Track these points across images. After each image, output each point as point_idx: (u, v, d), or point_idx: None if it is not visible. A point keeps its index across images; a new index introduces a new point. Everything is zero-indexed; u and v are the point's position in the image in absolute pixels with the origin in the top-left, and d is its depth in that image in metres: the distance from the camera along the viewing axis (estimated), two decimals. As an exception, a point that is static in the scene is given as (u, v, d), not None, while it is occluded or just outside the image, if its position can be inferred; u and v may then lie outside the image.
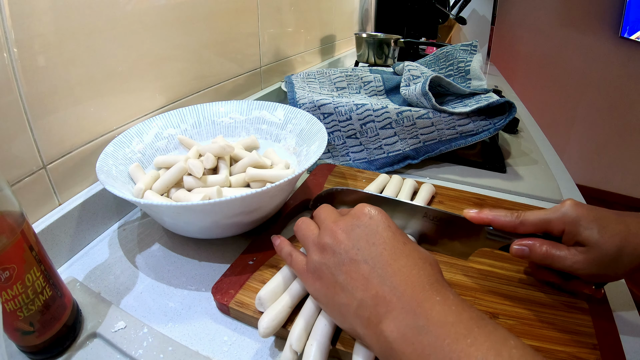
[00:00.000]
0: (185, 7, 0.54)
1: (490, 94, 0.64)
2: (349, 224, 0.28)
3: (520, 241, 0.33)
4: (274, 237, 0.35)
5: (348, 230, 0.28)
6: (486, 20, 1.67)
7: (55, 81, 0.38)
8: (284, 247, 0.33)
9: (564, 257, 0.31)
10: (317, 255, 0.28)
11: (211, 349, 0.31)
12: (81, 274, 0.39)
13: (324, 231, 0.29)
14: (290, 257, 0.32)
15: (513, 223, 0.33)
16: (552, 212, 0.32)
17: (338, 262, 0.27)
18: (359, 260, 0.26)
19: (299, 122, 0.52)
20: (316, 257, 0.28)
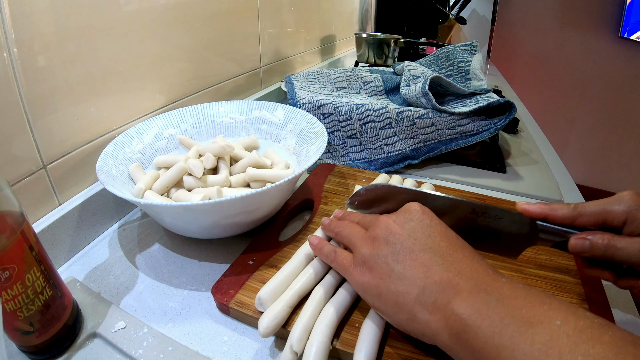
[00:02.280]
0: (185, 7, 0.54)
1: (490, 94, 0.64)
2: (401, 218, 0.29)
3: (579, 235, 0.30)
4: (311, 238, 0.35)
5: (401, 223, 0.29)
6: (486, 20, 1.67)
7: (55, 81, 0.38)
8: (324, 245, 0.33)
9: (627, 249, 0.29)
10: (368, 248, 0.29)
11: (211, 349, 0.31)
12: (81, 274, 0.39)
13: (375, 226, 0.29)
14: (333, 253, 0.32)
15: (571, 215, 0.31)
16: (612, 202, 0.30)
17: (393, 251, 0.27)
18: (416, 250, 0.27)
19: (299, 122, 0.52)
20: (366, 250, 0.29)
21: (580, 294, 0.35)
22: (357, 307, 0.33)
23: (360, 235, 0.31)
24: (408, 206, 0.30)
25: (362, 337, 0.29)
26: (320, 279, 0.34)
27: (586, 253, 0.30)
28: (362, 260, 0.28)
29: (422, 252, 0.26)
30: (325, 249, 0.33)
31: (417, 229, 0.28)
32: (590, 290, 0.36)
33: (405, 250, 0.27)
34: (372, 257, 0.28)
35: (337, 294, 0.32)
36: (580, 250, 0.30)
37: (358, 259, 0.29)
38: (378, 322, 0.29)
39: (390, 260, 0.27)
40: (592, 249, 0.30)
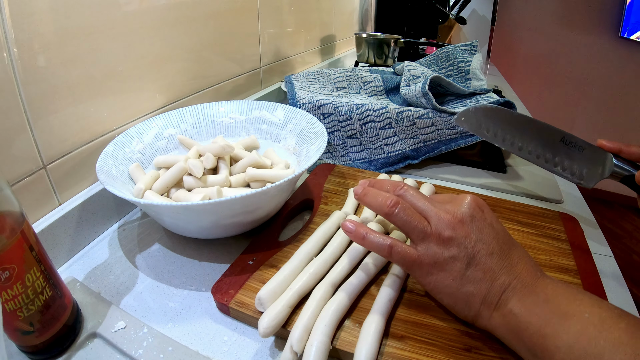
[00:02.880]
0: (185, 7, 0.54)
1: (490, 94, 0.64)
2: (466, 216, 0.29)
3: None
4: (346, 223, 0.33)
5: (467, 222, 0.29)
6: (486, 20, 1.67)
7: (55, 81, 0.38)
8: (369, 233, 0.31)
9: None
10: (439, 247, 0.29)
11: (211, 349, 0.31)
12: (81, 274, 0.39)
13: (440, 222, 0.29)
14: (391, 248, 0.30)
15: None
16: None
17: (467, 255, 0.28)
18: (485, 254, 0.28)
19: (299, 122, 0.52)
20: (437, 249, 0.29)
21: (580, 294, 0.35)
22: (357, 307, 0.33)
23: (423, 229, 0.30)
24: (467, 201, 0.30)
25: (362, 337, 0.29)
26: (320, 279, 0.34)
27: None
28: (434, 260, 0.29)
29: (489, 257, 0.28)
30: (376, 239, 0.31)
31: (483, 231, 0.29)
32: (590, 290, 0.36)
33: (478, 255, 0.28)
34: (444, 259, 0.29)
35: (337, 293, 0.32)
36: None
37: (429, 258, 0.29)
38: (378, 322, 0.30)
39: (463, 264, 0.28)
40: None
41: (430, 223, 0.30)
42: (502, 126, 0.44)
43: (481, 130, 0.46)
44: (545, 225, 0.45)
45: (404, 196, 0.32)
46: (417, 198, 0.32)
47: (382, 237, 0.31)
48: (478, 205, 0.30)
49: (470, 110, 0.45)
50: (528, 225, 0.45)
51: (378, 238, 0.31)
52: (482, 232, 0.29)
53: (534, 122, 0.43)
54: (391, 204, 0.31)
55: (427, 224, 0.30)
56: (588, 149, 0.40)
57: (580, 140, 0.41)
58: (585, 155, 0.41)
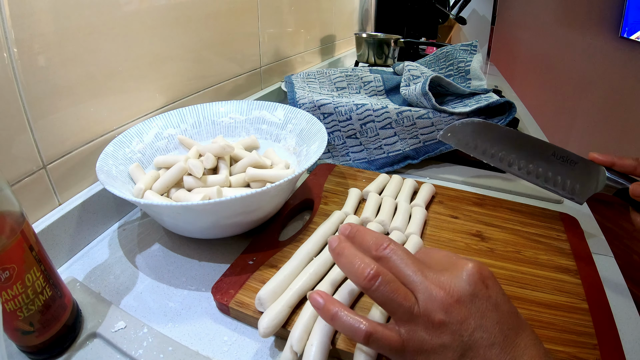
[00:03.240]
0: (185, 7, 0.54)
1: (490, 94, 0.64)
2: (465, 295, 0.23)
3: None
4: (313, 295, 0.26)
5: (466, 302, 0.23)
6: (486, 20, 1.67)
7: (55, 81, 0.38)
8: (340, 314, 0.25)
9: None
10: (426, 333, 0.23)
11: (211, 349, 0.31)
12: (81, 274, 0.39)
13: (431, 301, 0.23)
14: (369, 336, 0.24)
15: (634, 164, 0.36)
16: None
17: (462, 345, 0.22)
18: (486, 345, 0.22)
19: (299, 122, 0.52)
20: (424, 334, 0.23)
21: (579, 293, 0.35)
22: (358, 306, 0.33)
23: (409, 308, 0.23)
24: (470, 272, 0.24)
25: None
26: (320, 279, 0.34)
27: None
28: (420, 347, 0.23)
29: (490, 349, 0.22)
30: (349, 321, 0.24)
31: (485, 315, 0.23)
32: (590, 290, 0.36)
33: (474, 346, 0.22)
34: (432, 347, 0.23)
35: (337, 293, 0.32)
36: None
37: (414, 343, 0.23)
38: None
39: (456, 356, 0.23)
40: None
41: (418, 300, 0.23)
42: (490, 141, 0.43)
43: (468, 146, 0.44)
44: (545, 225, 0.45)
45: (388, 260, 0.25)
46: (404, 263, 0.25)
47: (358, 319, 0.24)
48: (482, 277, 0.24)
49: (457, 125, 0.44)
50: (528, 225, 0.45)
51: (352, 320, 0.24)
52: (483, 317, 0.23)
53: (524, 136, 0.42)
54: (370, 276, 0.24)
55: (414, 301, 0.23)
56: (580, 163, 0.40)
57: (571, 154, 0.40)
58: (577, 169, 0.40)
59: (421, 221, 0.43)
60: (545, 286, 0.36)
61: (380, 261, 0.25)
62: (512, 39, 2.30)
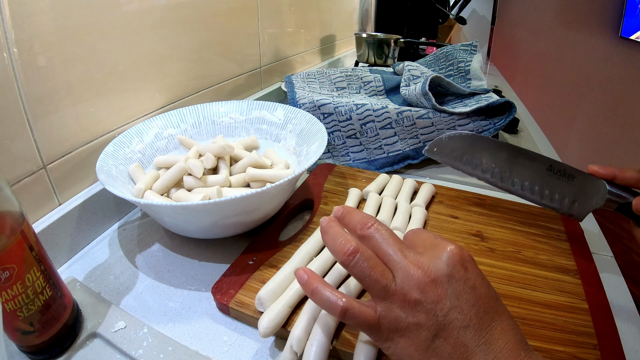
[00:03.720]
0: (185, 7, 0.54)
1: (490, 94, 0.64)
2: (442, 275, 0.23)
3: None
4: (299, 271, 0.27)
5: (442, 283, 0.23)
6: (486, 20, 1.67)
7: (55, 81, 0.38)
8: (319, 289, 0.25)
9: None
10: (402, 311, 0.23)
11: (211, 349, 0.31)
12: (81, 274, 0.39)
13: (408, 280, 0.23)
14: (344, 312, 0.24)
15: (637, 176, 0.34)
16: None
17: (436, 325, 0.23)
18: (460, 326, 0.22)
19: (299, 122, 0.52)
20: (399, 312, 0.23)
21: (579, 293, 0.35)
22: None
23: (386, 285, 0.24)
24: (450, 254, 0.24)
25: (362, 336, 0.29)
26: (320, 279, 0.34)
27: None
28: (396, 325, 0.23)
29: (464, 330, 0.22)
30: (326, 296, 0.25)
31: (461, 296, 0.23)
32: (590, 290, 0.36)
33: (449, 326, 0.23)
34: (407, 325, 0.23)
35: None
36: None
37: (390, 322, 0.24)
38: None
39: (430, 335, 0.23)
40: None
41: (395, 278, 0.24)
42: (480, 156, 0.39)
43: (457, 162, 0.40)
44: (545, 225, 0.45)
45: (371, 238, 0.26)
46: (386, 242, 0.25)
47: (336, 295, 0.25)
48: (461, 260, 0.24)
49: (444, 139, 0.39)
50: (528, 225, 0.45)
51: (330, 295, 0.25)
52: (459, 298, 0.23)
53: (517, 150, 0.39)
54: (349, 252, 0.25)
55: (391, 278, 0.24)
56: (578, 177, 0.37)
57: (569, 167, 0.37)
58: (575, 184, 0.37)
59: (421, 221, 0.43)
60: (545, 286, 0.36)
61: (363, 240, 0.26)
62: (512, 39, 2.30)
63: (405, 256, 0.24)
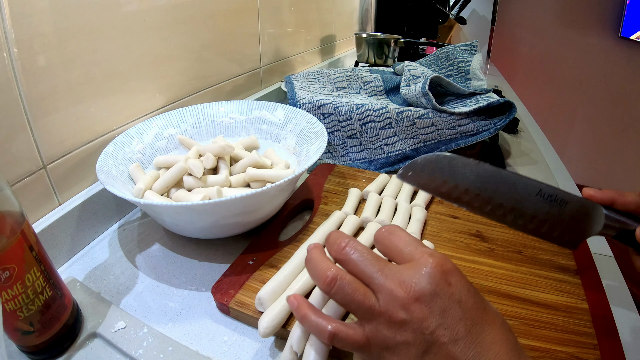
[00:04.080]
0: (185, 7, 0.54)
1: (490, 94, 0.64)
2: (425, 293, 0.23)
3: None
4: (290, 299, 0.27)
5: (426, 301, 0.23)
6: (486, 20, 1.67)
7: (55, 81, 0.38)
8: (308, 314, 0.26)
9: None
10: (389, 331, 0.23)
11: (211, 349, 0.31)
12: (81, 274, 0.39)
13: (391, 300, 0.23)
14: (333, 336, 0.25)
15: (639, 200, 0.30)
16: None
17: (424, 342, 0.22)
18: (447, 342, 0.22)
19: (299, 122, 0.52)
20: (387, 332, 0.23)
21: (579, 294, 0.35)
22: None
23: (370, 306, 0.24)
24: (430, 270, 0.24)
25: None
26: (320, 279, 0.34)
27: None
28: (384, 345, 0.24)
29: (453, 345, 0.22)
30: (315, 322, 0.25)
31: (445, 311, 0.23)
32: (590, 290, 0.36)
33: (436, 344, 0.22)
34: (396, 344, 0.23)
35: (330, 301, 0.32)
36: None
37: (379, 341, 0.24)
38: None
39: (419, 352, 0.23)
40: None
41: (379, 300, 0.24)
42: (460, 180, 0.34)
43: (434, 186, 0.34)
44: (545, 225, 0.45)
45: (348, 261, 0.25)
46: (364, 263, 0.25)
47: (323, 321, 0.25)
48: (444, 274, 0.24)
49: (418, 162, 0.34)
50: (528, 225, 0.45)
51: (318, 321, 0.25)
52: (444, 315, 0.23)
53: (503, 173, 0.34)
54: (328, 280, 0.25)
55: (374, 300, 0.24)
56: (572, 202, 0.32)
57: (561, 192, 0.32)
58: (568, 209, 0.32)
59: (421, 221, 0.43)
60: (545, 286, 0.36)
61: (342, 263, 0.26)
62: (512, 39, 2.30)
63: (386, 276, 0.24)
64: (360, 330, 0.24)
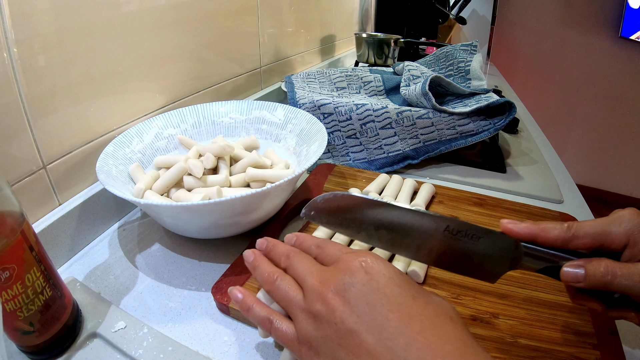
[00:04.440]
0: (185, 7, 0.54)
1: (490, 94, 0.64)
2: (340, 284, 0.23)
3: (571, 263, 0.26)
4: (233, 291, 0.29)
5: (341, 291, 0.23)
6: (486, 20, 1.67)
7: (55, 81, 0.38)
8: (252, 307, 0.27)
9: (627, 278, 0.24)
10: (310, 325, 0.24)
11: (211, 349, 0.31)
12: (81, 274, 0.39)
13: (312, 294, 0.24)
14: (268, 323, 0.26)
15: (564, 236, 0.26)
16: (611, 222, 0.26)
17: (335, 334, 0.22)
18: (359, 331, 0.22)
19: (299, 122, 0.52)
20: (309, 327, 0.24)
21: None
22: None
23: (297, 303, 0.25)
24: (349, 263, 0.24)
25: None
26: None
27: (580, 283, 0.26)
28: (308, 340, 0.24)
29: (367, 334, 0.21)
30: (259, 314, 0.27)
31: (359, 300, 0.23)
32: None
33: (347, 333, 0.22)
34: (316, 339, 0.23)
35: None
36: (574, 280, 0.26)
37: (303, 337, 0.24)
38: None
39: (333, 346, 0.22)
40: (588, 278, 0.25)
41: (305, 295, 0.25)
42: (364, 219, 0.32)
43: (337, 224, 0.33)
44: (545, 225, 0.45)
45: (290, 266, 0.27)
46: (300, 267, 0.26)
47: (265, 314, 0.26)
48: (363, 267, 0.24)
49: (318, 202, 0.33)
50: (528, 225, 0.45)
51: (259, 311, 0.27)
52: (357, 303, 0.22)
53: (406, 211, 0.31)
54: (271, 280, 0.27)
55: (301, 297, 0.25)
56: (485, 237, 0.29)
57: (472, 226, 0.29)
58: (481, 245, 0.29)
59: (421, 221, 0.43)
60: (545, 286, 0.36)
61: (286, 270, 0.28)
62: (512, 39, 2.30)
63: (312, 275, 0.25)
64: (292, 326, 0.25)
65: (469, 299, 0.34)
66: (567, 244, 0.27)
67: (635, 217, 0.26)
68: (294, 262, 0.27)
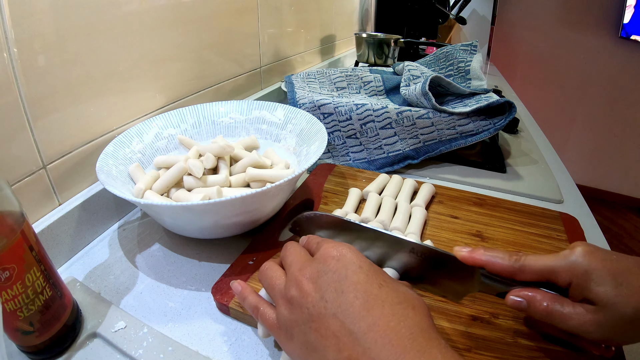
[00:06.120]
0: (185, 7, 0.54)
1: (490, 94, 0.64)
2: (315, 271, 0.25)
3: (517, 292, 0.27)
4: (234, 284, 0.31)
5: (314, 278, 0.25)
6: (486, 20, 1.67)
7: (55, 81, 0.38)
8: (247, 296, 0.29)
9: (568, 316, 0.25)
10: (286, 310, 0.25)
11: (211, 349, 0.31)
12: (81, 274, 0.39)
13: (290, 281, 0.26)
14: (256, 310, 0.28)
15: (511, 269, 0.28)
16: (559, 260, 0.26)
17: (306, 318, 0.23)
18: (327, 315, 0.23)
19: (299, 122, 0.52)
20: (285, 312, 0.25)
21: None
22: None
23: (279, 290, 0.26)
24: (325, 252, 0.26)
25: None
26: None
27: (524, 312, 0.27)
28: (285, 325, 0.25)
29: (333, 318, 0.22)
30: (249, 301, 0.29)
31: (329, 285, 0.24)
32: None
33: (317, 317, 0.23)
34: (290, 324, 0.25)
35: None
36: (517, 308, 0.27)
37: (281, 322, 0.25)
38: None
39: (304, 329, 0.23)
40: (530, 310, 0.27)
41: (285, 282, 0.26)
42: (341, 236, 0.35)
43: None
44: (545, 225, 0.45)
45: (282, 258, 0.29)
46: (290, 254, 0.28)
47: (255, 301, 0.29)
48: (337, 255, 0.25)
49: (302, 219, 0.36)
50: (528, 225, 0.45)
51: (251, 300, 0.29)
52: (327, 289, 0.24)
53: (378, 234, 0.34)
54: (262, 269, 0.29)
55: (283, 286, 0.26)
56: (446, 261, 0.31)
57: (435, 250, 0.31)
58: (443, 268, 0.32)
59: (421, 221, 0.43)
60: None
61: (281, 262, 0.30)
62: (512, 39, 2.30)
63: (296, 262, 0.27)
64: (274, 313, 0.27)
65: (469, 299, 0.34)
66: (514, 276, 0.28)
67: (584, 255, 0.26)
68: (285, 253, 0.29)
